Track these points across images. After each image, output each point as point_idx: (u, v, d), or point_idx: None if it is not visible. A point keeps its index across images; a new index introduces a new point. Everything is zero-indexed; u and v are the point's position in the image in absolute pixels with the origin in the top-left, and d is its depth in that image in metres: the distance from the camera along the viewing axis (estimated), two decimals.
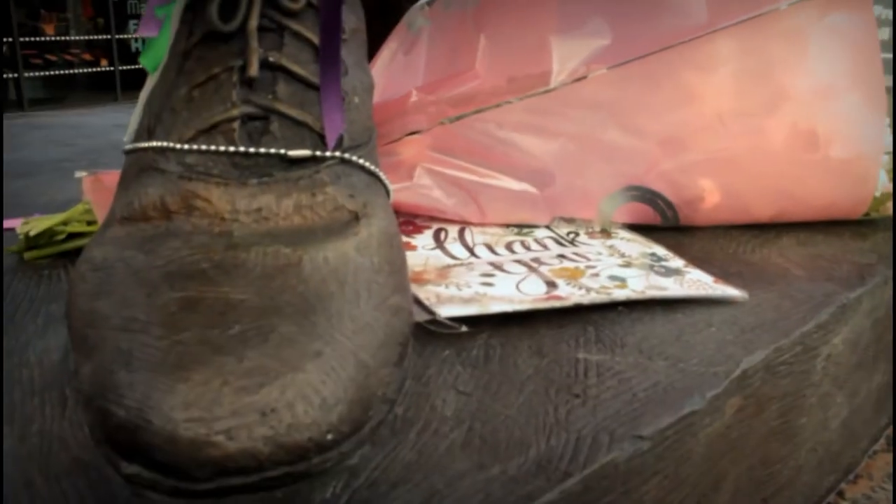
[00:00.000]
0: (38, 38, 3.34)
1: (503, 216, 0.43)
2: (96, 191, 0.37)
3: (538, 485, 0.22)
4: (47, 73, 3.23)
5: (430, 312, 0.31)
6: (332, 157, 0.28)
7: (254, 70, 0.28)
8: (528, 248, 0.40)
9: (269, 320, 0.22)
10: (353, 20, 0.33)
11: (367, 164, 0.29)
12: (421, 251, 0.39)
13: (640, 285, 0.35)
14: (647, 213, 0.44)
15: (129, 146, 0.30)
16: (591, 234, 0.43)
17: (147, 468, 0.20)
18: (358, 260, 0.26)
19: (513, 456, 0.23)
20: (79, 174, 0.38)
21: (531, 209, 0.43)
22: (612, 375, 0.28)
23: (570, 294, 0.33)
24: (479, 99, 0.41)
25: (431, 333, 0.31)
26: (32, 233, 0.37)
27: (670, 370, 0.29)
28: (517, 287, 0.34)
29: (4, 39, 2.84)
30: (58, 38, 3.49)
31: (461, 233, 0.42)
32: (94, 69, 3.50)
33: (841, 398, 0.39)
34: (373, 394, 0.23)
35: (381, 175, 0.30)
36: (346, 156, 0.28)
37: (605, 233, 0.44)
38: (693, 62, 0.42)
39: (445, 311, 0.31)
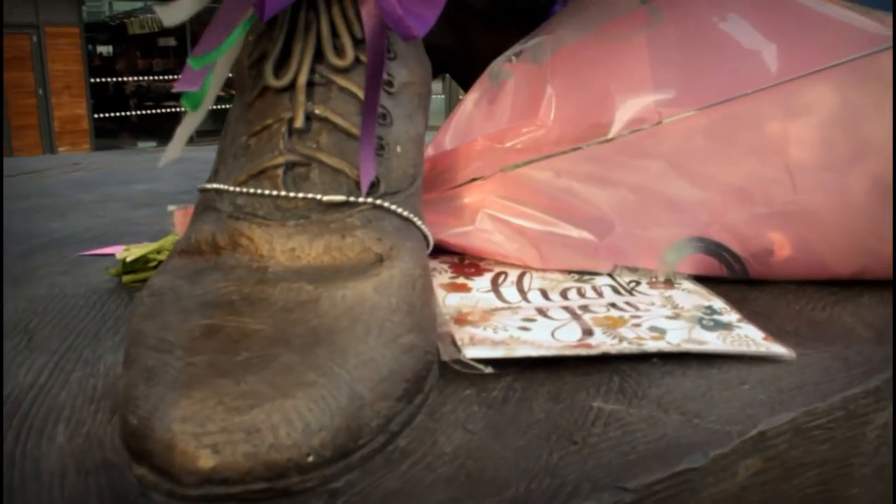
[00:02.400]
0: None
1: (563, 263, 0.44)
2: (183, 223, 0.41)
3: None
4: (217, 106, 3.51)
5: (458, 352, 0.32)
6: (365, 203, 0.30)
7: (299, 122, 0.31)
8: (582, 295, 0.41)
9: (276, 350, 0.25)
10: (404, 74, 0.35)
11: (400, 209, 0.31)
12: (475, 293, 0.41)
13: (677, 338, 0.35)
14: (712, 266, 0.44)
15: (200, 186, 0.34)
16: (652, 284, 0.43)
17: (151, 471, 0.22)
18: (375, 299, 0.28)
19: (489, 495, 0.24)
20: (171, 208, 0.43)
21: (591, 257, 0.44)
22: (620, 426, 0.28)
23: (600, 343, 0.34)
24: (540, 148, 0.43)
25: (458, 373, 0.32)
26: (129, 259, 0.42)
27: (682, 425, 0.28)
28: (552, 333, 0.35)
29: None
30: None
31: (520, 277, 0.44)
32: None
33: None
34: (365, 424, 0.25)
35: (417, 220, 0.32)
36: (379, 202, 0.31)
37: (669, 283, 0.44)
38: (763, 113, 0.41)
39: (472, 353, 0.32)
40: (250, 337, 0.25)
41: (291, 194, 0.30)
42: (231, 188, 0.31)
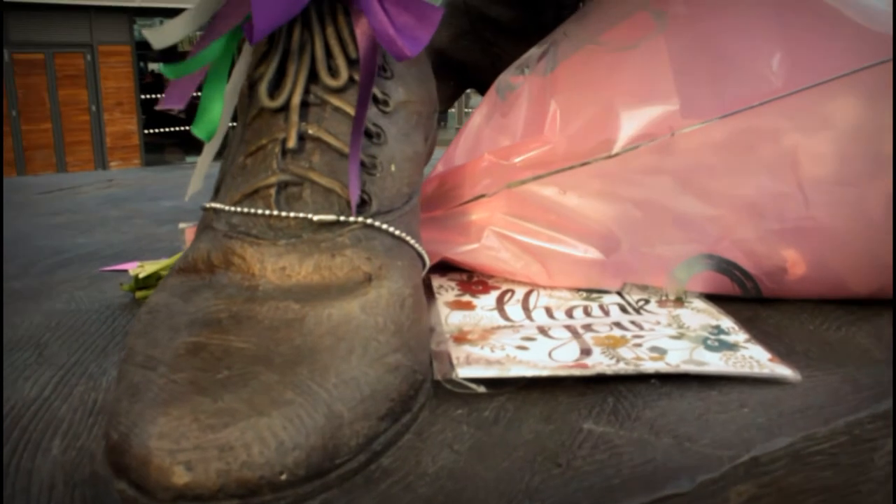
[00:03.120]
0: None
1: (571, 280, 0.44)
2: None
3: None
4: None
5: (452, 371, 0.32)
6: (356, 222, 0.31)
7: (292, 142, 0.31)
8: (588, 314, 0.41)
9: (256, 368, 0.25)
10: (401, 93, 0.35)
11: (391, 228, 0.32)
12: (478, 311, 0.41)
13: (677, 359, 0.34)
14: (724, 284, 0.43)
15: (202, 205, 0.34)
16: (662, 303, 0.43)
17: (129, 486, 0.23)
18: (361, 318, 0.28)
19: None
20: (182, 225, 0.44)
21: (599, 274, 0.43)
22: (607, 449, 0.28)
23: (596, 363, 0.33)
24: (545, 164, 0.43)
25: (452, 392, 0.32)
26: (141, 275, 0.43)
27: (672, 449, 0.28)
28: (549, 353, 0.35)
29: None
30: None
31: (527, 295, 0.43)
32: None
33: None
34: (343, 443, 0.25)
35: (410, 239, 0.33)
36: (370, 221, 0.31)
37: (679, 301, 0.43)
38: (773, 125, 0.40)
39: (465, 372, 0.32)
40: (233, 355, 0.26)
41: (283, 213, 0.30)
42: (227, 207, 0.31)
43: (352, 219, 0.31)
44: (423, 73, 0.39)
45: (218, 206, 0.32)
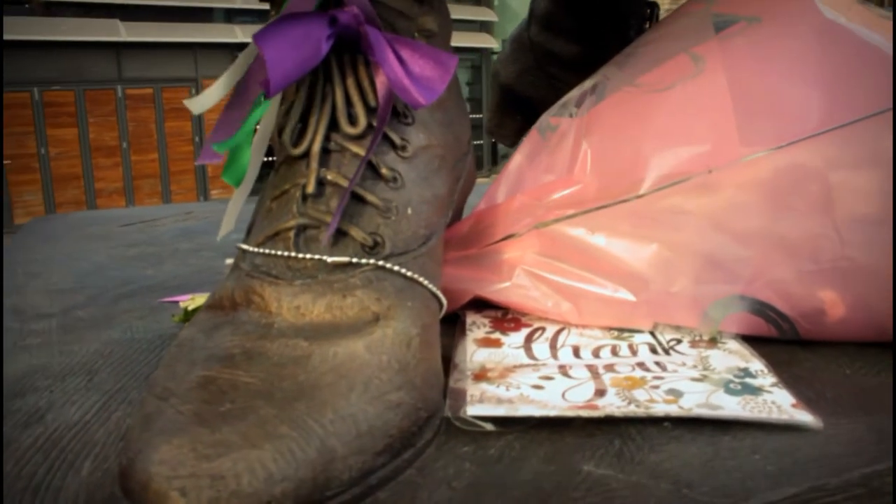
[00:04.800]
0: None
1: (601, 319, 0.44)
2: None
3: None
4: None
5: (461, 409, 0.33)
6: (368, 264, 0.32)
7: (311, 187, 0.33)
8: (615, 354, 0.41)
9: (257, 402, 0.27)
10: (421, 139, 0.37)
11: (403, 270, 0.33)
12: (505, 349, 0.42)
13: (691, 402, 0.34)
14: (759, 325, 0.42)
15: (237, 245, 0.37)
16: (694, 343, 0.42)
17: None
18: (365, 357, 0.29)
19: None
20: (228, 261, 0.46)
21: (630, 314, 0.43)
22: (602, 492, 0.28)
23: (607, 404, 0.33)
24: (575, 204, 0.43)
25: (463, 429, 0.33)
26: (190, 307, 0.45)
27: (669, 495, 0.28)
28: (563, 393, 0.35)
29: None
30: None
31: (556, 334, 0.44)
32: None
33: None
34: (334, 476, 0.26)
35: (424, 280, 0.34)
36: (381, 263, 0.32)
37: (712, 342, 0.42)
38: (806, 163, 0.40)
39: (473, 410, 0.33)
40: (238, 389, 0.27)
41: (301, 255, 0.32)
42: (252, 248, 0.34)
43: (364, 261, 0.32)
44: (449, 118, 0.40)
45: (245, 246, 0.34)
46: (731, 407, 0.34)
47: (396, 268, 0.33)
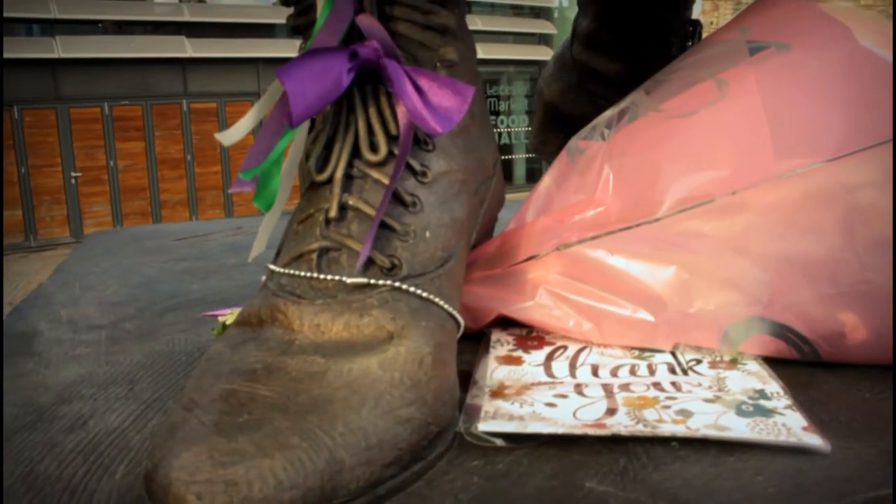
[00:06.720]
0: None
1: (622, 340, 0.45)
2: None
3: None
4: None
5: (473, 425, 0.34)
6: (384, 285, 0.34)
7: (333, 212, 0.35)
8: (633, 373, 0.41)
9: (273, 414, 0.29)
10: (441, 164, 0.38)
11: (419, 291, 0.34)
12: (525, 367, 0.43)
13: (700, 423, 0.35)
14: (779, 347, 0.42)
15: (266, 265, 0.39)
16: (713, 364, 0.43)
17: None
18: (378, 373, 0.31)
19: None
20: (264, 278, 0.48)
21: (650, 335, 0.44)
22: None
23: (615, 423, 0.34)
24: (596, 226, 0.44)
25: (474, 444, 0.34)
26: (228, 322, 0.48)
27: None
28: (574, 412, 0.36)
29: None
30: None
31: (577, 352, 0.45)
32: None
33: None
34: (341, 486, 0.28)
35: (440, 301, 0.35)
36: (398, 284, 0.34)
37: (732, 363, 0.43)
38: (824, 187, 0.40)
39: (484, 426, 0.34)
40: (256, 402, 0.29)
41: (322, 276, 0.34)
42: (279, 269, 0.36)
43: (381, 282, 0.34)
44: (472, 143, 0.42)
45: (273, 267, 0.36)
46: (740, 428, 0.34)
47: (412, 289, 0.34)
